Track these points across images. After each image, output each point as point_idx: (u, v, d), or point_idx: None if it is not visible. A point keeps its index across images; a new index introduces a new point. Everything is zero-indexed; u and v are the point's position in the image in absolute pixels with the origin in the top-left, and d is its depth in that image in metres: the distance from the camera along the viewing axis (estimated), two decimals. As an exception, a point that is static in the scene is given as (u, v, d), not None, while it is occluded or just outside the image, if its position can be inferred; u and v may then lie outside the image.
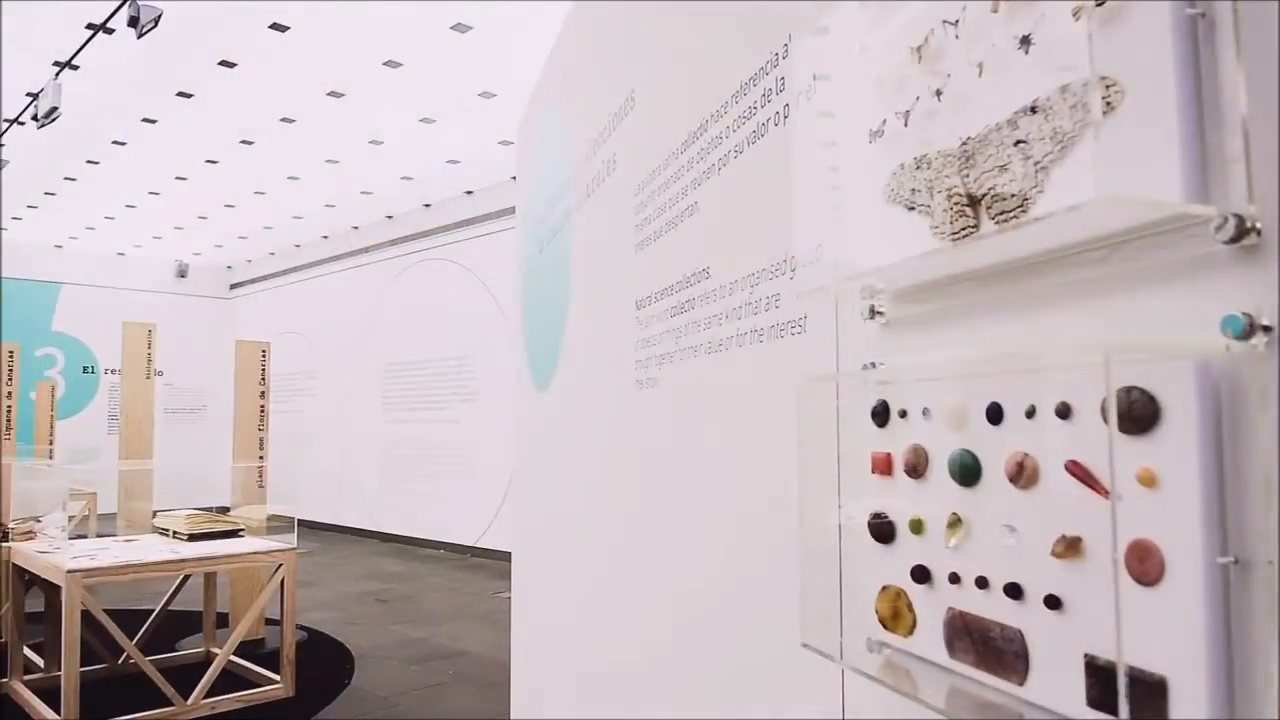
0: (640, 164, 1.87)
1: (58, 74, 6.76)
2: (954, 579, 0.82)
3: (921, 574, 0.86)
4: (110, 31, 6.16)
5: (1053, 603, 0.71)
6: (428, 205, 11.19)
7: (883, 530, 0.92)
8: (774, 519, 1.25)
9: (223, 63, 6.92)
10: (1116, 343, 0.66)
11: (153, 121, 8.24)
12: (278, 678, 4.66)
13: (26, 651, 4.83)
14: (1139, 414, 0.64)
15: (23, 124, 7.86)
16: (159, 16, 5.50)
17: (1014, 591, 0.75)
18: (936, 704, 0.83)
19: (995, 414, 0.78)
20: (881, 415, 0.93)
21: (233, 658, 4.66)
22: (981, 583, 0.79)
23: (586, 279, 2.34)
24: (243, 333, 10.53)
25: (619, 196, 2.01)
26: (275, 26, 6.28)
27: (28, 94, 7.34)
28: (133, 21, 5.49)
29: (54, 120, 6.68)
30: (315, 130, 8.42)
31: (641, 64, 1.94)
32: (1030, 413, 0.74)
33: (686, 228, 1.61)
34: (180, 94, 7.57)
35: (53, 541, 4.71)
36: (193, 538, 4.73)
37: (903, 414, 0.90)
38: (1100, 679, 0.67)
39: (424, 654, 5.59)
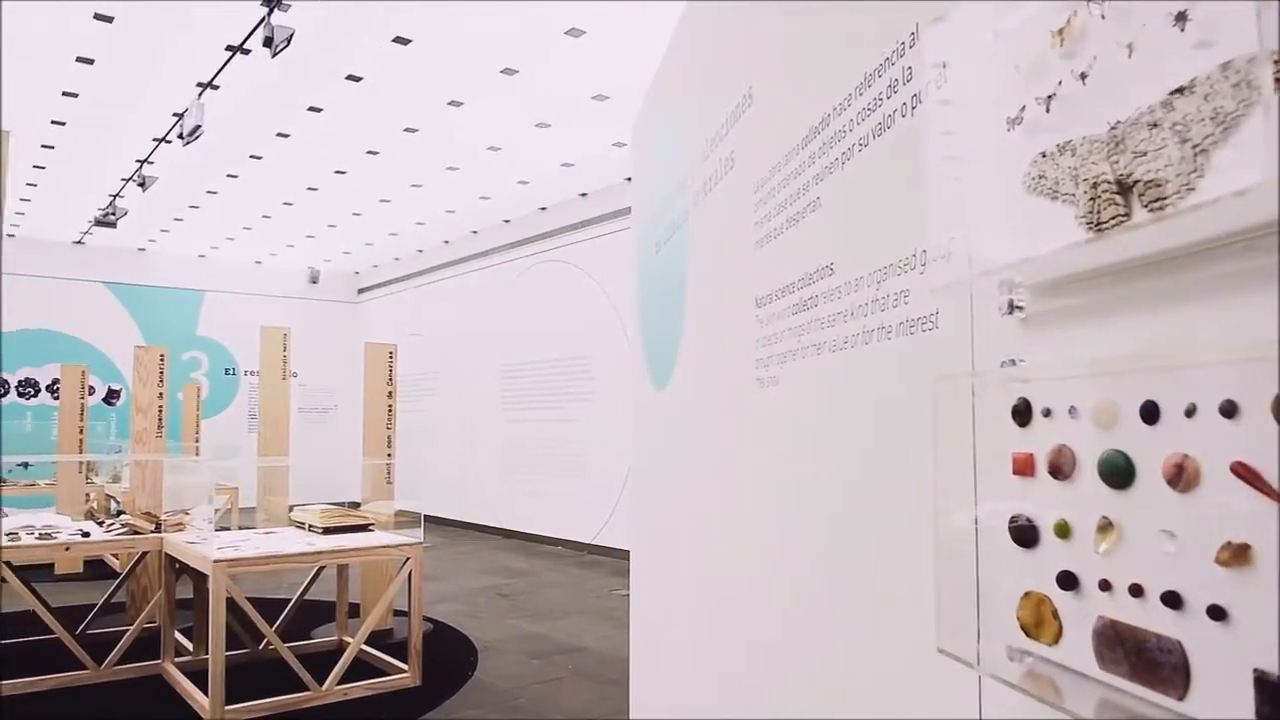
0: (759, 161, 1.86)
1: (200, 94, 7.19)
2: (1104, 586, 0.78)
3: (1068, 580, 0.82)
4: (247, 52, 6.51)
5: (1217, 613, 0.67)
6: (544, 208, 11.41)
7: (1024, 534, 0.89)
8: (903, 521, 1.22)
9: (349, 77, 7.22)
10: (1291, 336, 0.62)
11: (285, 136, 8.67)
12: (405, 667, 4.83)
13: (177, 635, 5.16)
14: (1316, 412, 0.60)
15: (169, 142, 8.39)
16: (291, 35, 5.79)
17: (1173, 601, 0.71)
18: (1085, 715, 0.79)
19: (1151, 413, 0.73)
20: (1023, 414, 0.89)
21: (363, 647, 4.86)
22: (1136, 591, 0.75)
23: (705, 277, 2.33)
24: (371, 335, 10.98)
25: (738, 194, 2.00)
26: (398, 40, 6.51)
27: (173, 114, 7.83)
28: (267, 42, 5.79)
29: (197, 138, 7.10)
30: (436, 139, 8.70)
31: (759, 60, 1.92)
32: (1190, 411, 0.70)
33: (809, 223, 1.59)
34: (311, 109, 7.94)
35: (200, 533, 5.01)
36: (327, 531, 4.95)
37: (1046, 413, 0.86)
38: (1271, 695, 0.62)
39: (544, 648, 5.70)
